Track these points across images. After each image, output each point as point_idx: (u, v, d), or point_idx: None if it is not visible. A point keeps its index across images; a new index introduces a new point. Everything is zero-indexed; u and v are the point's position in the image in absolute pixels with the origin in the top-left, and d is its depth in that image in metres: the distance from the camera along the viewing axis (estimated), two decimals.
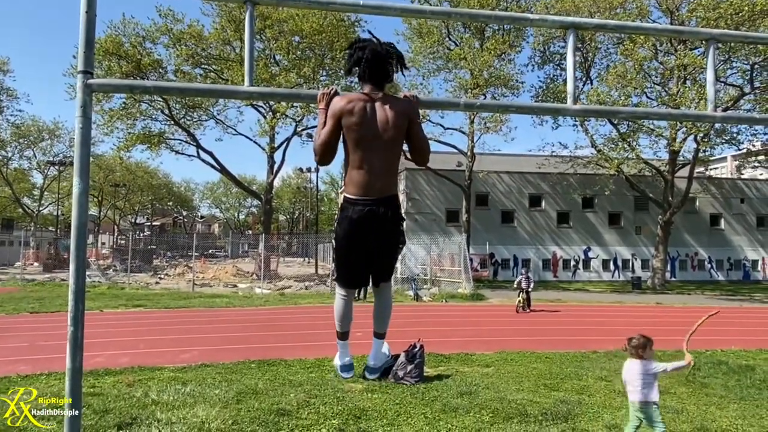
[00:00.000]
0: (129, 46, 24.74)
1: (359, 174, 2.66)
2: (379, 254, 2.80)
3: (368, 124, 2.63)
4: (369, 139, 2.64)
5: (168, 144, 28.23)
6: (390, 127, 2.65)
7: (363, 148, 2.64)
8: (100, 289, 20.31)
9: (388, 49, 2.78)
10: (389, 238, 2.76)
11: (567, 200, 31.73)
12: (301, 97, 2.77)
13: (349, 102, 2.65)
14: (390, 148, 2.67)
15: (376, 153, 2.65)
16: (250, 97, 2.77)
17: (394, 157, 2.71)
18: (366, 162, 2.65)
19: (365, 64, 2.71)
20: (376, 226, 2.68)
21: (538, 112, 3.11)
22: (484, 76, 23.29)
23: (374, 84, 2.73)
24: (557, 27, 3.08)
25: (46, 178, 47.64)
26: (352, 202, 2.68)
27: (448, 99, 2.98)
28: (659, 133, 24.01)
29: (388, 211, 2.70)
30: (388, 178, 2.70)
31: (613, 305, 17.40)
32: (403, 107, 2.70)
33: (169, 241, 51.80)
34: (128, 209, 67.68)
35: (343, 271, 2.87)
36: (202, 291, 19.97)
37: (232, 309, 13.90)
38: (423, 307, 15.40)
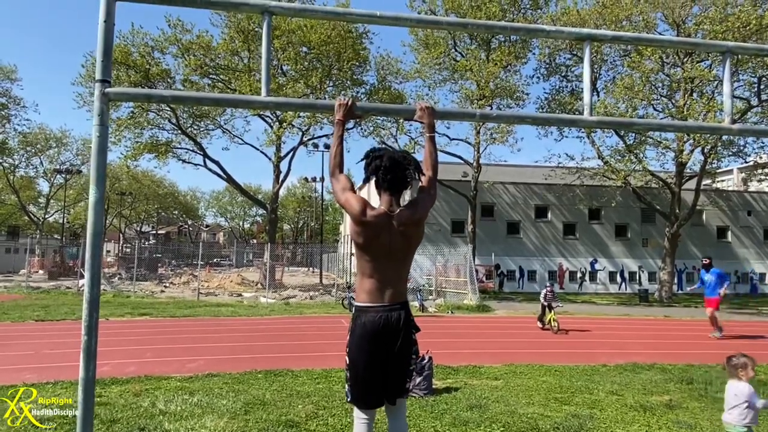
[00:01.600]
0: (138, 55, 24.97)
1: (371, 283, 2.71)
2: (395, 365, 2.72)
3: (384, 242, 2.69)
4: (384, 256, 2.71)
5: (175, 153, 28.39)
6: (405, 243, 2.73)
7: (376, 261, 2.71)
8: (105, 297, 20.31)
9: (405, 156, 2.84)
10: (403, 345, 2.72)
11: (573, 212, 31.63)
12: (317, 108, 2.77)
13: (373, 216, 2.70)
14: (403, 260, 2.76)
15: (390, 266, 2.73)
16: (266, 107, 2.78)
17: (407, 268, 2.82)
18: (378, 272, 2.71)
19: (383, 172, 2.77)
20: (390, 332, 2.68)
21: (554, 124, 3.10)
22: (490, 87, 23.35)
23: (392, 193, 2.79)
24: (573, 39, 3.07)
25: (53, 186, 47.90)
26: (364, 309, 2.72)
27: (463, 110, 2.98)
28: (666, 145, 23.96)
29: (401, 316, 2.72)
30: (400, 286, 2.77)
31: (621, 318, 17.26)
32: (419, 215, 2.78)
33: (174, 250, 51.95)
34: (134, 217, 67.95)
35: (360, 389, 2.74)
36: (207, 300, 19.95)
37: (238, 318, 13.86)
38: (429, 318, 15.30)
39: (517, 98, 25.64)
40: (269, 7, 2.75)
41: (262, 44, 2.78)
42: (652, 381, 7.24)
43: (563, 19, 23.02)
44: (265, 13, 2.76)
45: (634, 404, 5.96)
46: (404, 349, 2.72)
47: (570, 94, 25.85)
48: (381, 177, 2.78)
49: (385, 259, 2.70)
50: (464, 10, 24.53)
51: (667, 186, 25.57)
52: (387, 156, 2.79)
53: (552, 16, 24.31)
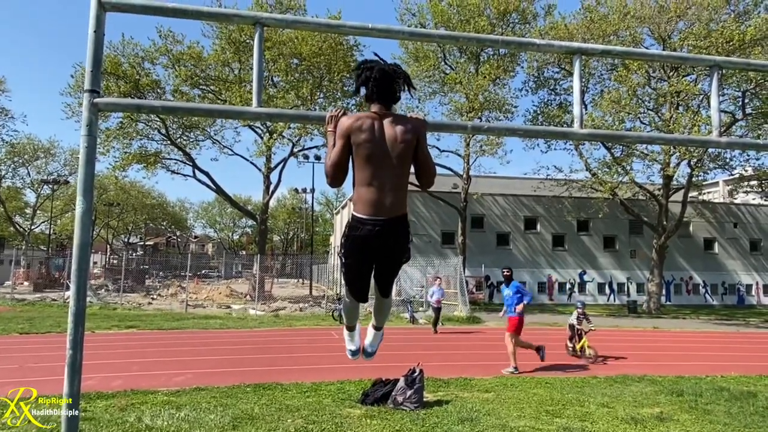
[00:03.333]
0: (128, 66, 24.89)
1: (368, 191, 2.64)
2: (387, 271, 2.87)
3: (377, 140, 2.64)
4: (378, 156, 2.63)
5: (164, 164, 28.21)
6: (399, 144, 2.66)
7: (372, 165, 2.63)
8: (91, 309, 20.00)
9: (396, 69, 2.80)
10: (398, 257, 2.80)
11: (562, 223, 31.84)
12: (310, 119, 2.75)
13: (357, 120, 2.67)
14: (399, 164, 2.66)
15: (386, 170, 2.65)
16: (258, 118, 2.76)
17: (404, 174, 2.71)
18: (375, 179, 2.64)
19: (373, 83, 2.72)
20: (386, 246, 2.69)
21: (545, 136, 3.12)
22: (479, 100, 23.53)
23: (382, 103, 2.74)
24: (563, 52, 3.10)
25: (40, 197, 47.38)
26: (362, 221, 2.66)
27: (456, 122, 2.98)
28: (653, 157, 24.25)
29: (398, 231, 2.70)
30: (398, 195, 2.68)
31: (611, 329, 17.31)
32: (412, 124, 2.72)
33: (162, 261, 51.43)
34: (121, 228, 67.28)
35: (354, 288, 2.95)
36: (196, 312, 19.73)
37: (226, 331, 13.71)
38: (419, 330, 15.25)
39: (506, 111, 25.85)
40: (261, 18, 2.75)
41: (254, 55, 2.77)
42: (642, 393, 7.25)
43: (551, 34, 23.33)
44: (257, 24, 2.75)
45: (625, 417, 5.95)
46: (398, 257, 2.79)
47: (558, 107, 26.12)
48: (370, 88, 2.72)
49: (380, 163, 2.63)
50: (453, 24, 24.78)
51: (654, 198, 25.85)
52: (378, 68, 2.73)
53: (540, 30, 24.63)
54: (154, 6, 2.66)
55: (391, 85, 2.73)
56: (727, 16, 21.72)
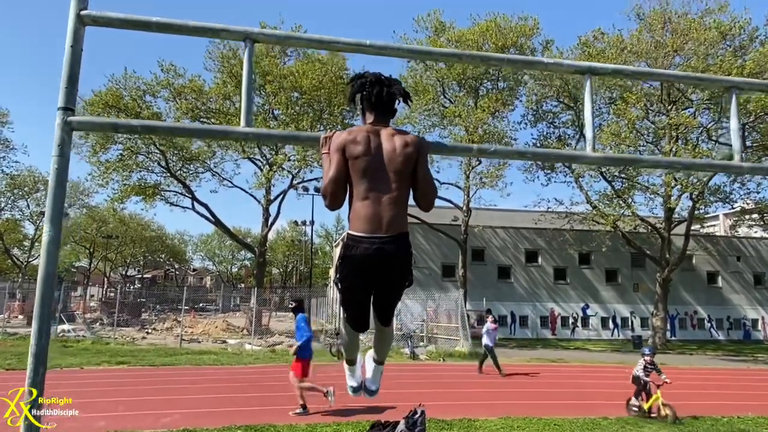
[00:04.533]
0: (129, 99, 25.03)
1: (365, 206, 2.42)
2: (387, 296, 2.62)
3: (374, 152, 2.46)
4: (375, 169, 2.44)
5: (163, 196, 28.09)
6: (397, 157, 2.46)
7: (369, 179, 2.43)
8: (84, 344, 19.52)
9: (391, 78, 2.66)
10: (399, 280, 2.54)
11: (563, 256, 31.52)
12: (301, 140, 2.55)
13: (351, 133, 2.50)
14: (398, 179, 2.46)
15: (384, 184, 2.45)
16: (245, 138, 2.56)
17: (403, 189, 2.49)
18: (372, 193, 2.43)
19: (369, 88, 2.57)
20: (386, 267, 2.45)
21: (556, 159, 2.90)
22: (478, 133, 23.58)
23: (378, 112, 2.59)
24: (573, 72, 2.92)
25: (38, 229, 47.11)
26: (358, 239, 2.43)
27: (461, 144, 2.75)
28: (654, 190, 24.16)
29: (399, 251, 2.46)
30: (397, 211, 2.45)
31: (617, 366, 16.81)
32: (411, 138, 2.55)
33: (159, 295, 50.79)
34: (120, 261, 66.80)
35: (352, 315, 2.71)
36: (190, 347, 19.22)
37: (220, 367, 13.26)
38: (420, 367, 14.78)
39: (505, 143, 25.88)
40: (251, 34, 2.58)
41: (243, 73, 2.58)
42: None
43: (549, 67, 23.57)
44: (247, 40, 2.58)
45: None
46: (400, 281, 2.55)
47: (558, 139, 26.18)
48: (366, 94, 2.57)
49: (377, 176, 2.44)
50: None
51: (656, 231, 25.61)
52: (371, 75, 2.62)
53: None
54: (135, 20, 2.48)
55: (387, 92, 2.57)
56: (724, 51, 21.96)
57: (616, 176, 25.42)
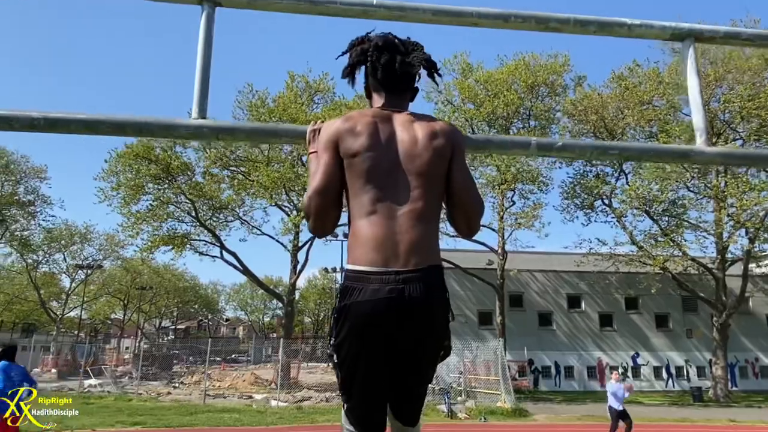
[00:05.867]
0: (160, 150, 25.29)
1: (372, 225, 1.54)
2: (413, 377, 1.60)
3: (384, 145, 1.60)
4: (386, 169, 1.58)
5: (192, 245, 27.91)
6: (421, 150, 1.60)
7: (377, 184, 1.57)
8: (106, 400, 18.82)
9: (408, 41, 1.79)
10: (432, 348, 1.57)
11: (609, 301, 29.65)
12: (278, 135, 1.75)
13: (347, 120, 1.64)
14: (423, 183, 1.59)
15: (401, 190, 1.56)
16: (197, 134, 1.75)
17: (432, 198, 1.61)
18: (383, 203, 1.55)
19: (374, 56, 1.72)
20: (410, 326, 1.49)
21: (656, 159, 1.99)
22: (511, 172, 22.66)
23: (389, 92, 1.74)
24: (668, 37, 2.06)
25: (74, 282, 47.75)
26: (362, 277, 1.51)
27: (511, 138, 1.83)
28: (705, 228, 22.53)
29: (430, 296, 1.51)
30: (423, 231, 1.55)
31: (680, 424, 15.00)
32: (441, 126, 1.69)
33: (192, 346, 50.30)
34: (153, 312, 67.02)
35: (357, 408, 1.63)
36: (214, 404, 18.25)
37: (239, 429, 12.24)
38: (459, 427, 13.41)
39: (540, 182, 24.86)
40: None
41: (198, 45, 1.82)
42: None
43: (584, 103, 22.75)
44: (204, 3, 1.83)
45: None
46: (431, 347, 1.59)
47: (596, 177, 24.96)
48: (370, 65, 1.74)
49: (389, 181, 1.58)
50: (481, 99, 24.58)
51: (709, 272, 23.75)
52: (378, 37, 1.76)
53: (573, 101, 24.11)
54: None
55: (401, 62, 1.72)
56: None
57: (661, 214, 23.93)
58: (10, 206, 35.31)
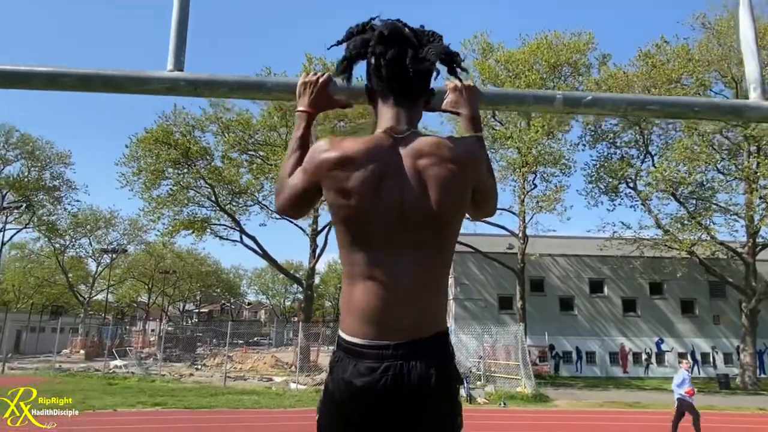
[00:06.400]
0: (179, 135, 25.38)
1: (367, 294, 1.30)
2: None
3: (383, 191, 1.31)
4: (386, 223, 1.31)
5: (212, 229, 28.10)
6: (433, 197, 1.31)
7: (374, 242, 1.32)
8: (129, 381, 19.16)
9: (423, 32, 1.43)
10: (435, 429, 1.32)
11: (633, 286, 29.02)
12: (266, 89, 1.52)
13: (337, 147, 1.35)
14: (432, 238, 1.33)
15: (404, 251, 1.30)
16: (173, 87, 1.55)
17: (442, 255, 1.36)
18: (380, 267, 1.30)
19: (378, 47, 1.38)
20: (408, 407, 1.27)
21: (703, 116, 1.72)
22: (532, 154, 22.15)
23: (400, 95, 1.41)
24: None
25: (99, 266, 48.77)
26: (355, 350, 1.30)
27: (534, 92, 1.57)
28: (735, 212, 21.75)
29: (435, 377, 1.27)
30: (428, 299, 1.33)
31: (705, 411, 14.56)
32: (461, 149, 1.38)
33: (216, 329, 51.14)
34: (177, 296, 68.18)
35: None
36: (234, 385, 18.43)
37: (258, 411, 12.28)
38: (478, 412, 13.23)
39: (563, 165, 24.28)
40: None
41: None
42: None
43: (608, 83, 22.02)
44: None
45: None
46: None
47: (621, 159, 24.28)
48: (375, 59, 1.39)
49: (391, 233, 1.31)
50: (502, 79, 24.01)
51: (738, 256, 23.00)
52: (384, 25, 1.39)
53: (596, 80, 23.39)
54: None
55: (413, 57, 1.37)
56: None
57: (688, 197, 23.21)
58: (36, 191, 36.03)
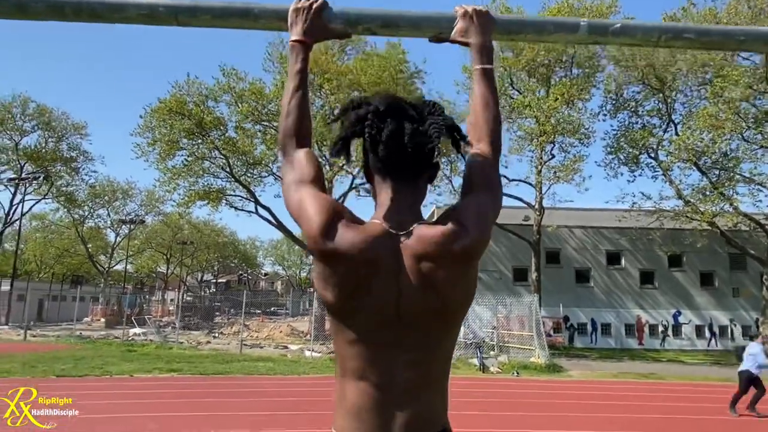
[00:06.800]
0: (192, 105, 25.26)
1: (361, 395, 1.19)
2: None
3: (381, 297, 1.18)
4: (382, 323, 1.19)
5: (228, 200, 28.20)
6: (430, 305, 1.19)
7: (368, 340, 1.21)
8: (148, 348, 19.54)
9: (422, 103, 1.31)
10: None
11: (651, 258, 28.62)
12: (253, 17, 1.36)
13: (347, 231, 1.20)
14: (433, 335, 1.22)
15: (402, 350, 1.20)
16: (151, 15, 1.39)
17: (443, 352, 1.26)
18: (376, 367, 1.20)
19: (374, 123, 1.23)
20: None
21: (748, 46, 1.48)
22: (551, 123, 21.60)
23: (398, 174, 1.27)
24: None
25: (118, 236, 49.50)
26: None
27: (554, 19, 1.35)
28: (760, 181, 21.08)
29: None
30: (427, 400, 1.21)
31: (724, 384, 14.40)
32: (467, 239, 1.22)
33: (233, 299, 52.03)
34: (195, 266, 69.21)
35: None
36: (250, 353, 18.70)
37: (272, 377, 12.41)
38: (490, 381, 13.26)
39: (582, 135, 23.70)
40: None
41: None
42: None
43: (632, 49, 21.20)
44: None
45: None
46: None
47: (642, 128, 23.58)
48: (370, 136, 1.23)
49: (386, 338, 1.20)
50: (520, 46, 23.28)
51: (761, 228, 22.41)
52: (380, 98, 1.28)
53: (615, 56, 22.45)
54: None
55: (412, 132, 1.22)
56: None
57: (711, 167, 22.55)
58: (54, 162, 36.38)
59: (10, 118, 33.87)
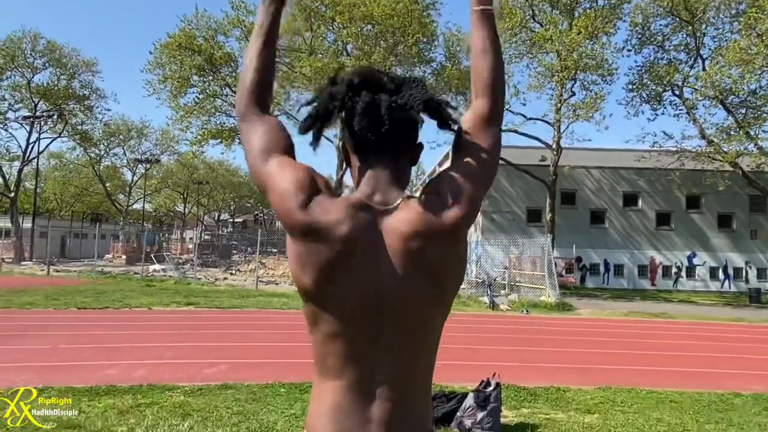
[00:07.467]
0: (202, 40, 24.69)
1: (336, 396, 1.08)
2: None
3: (360, 279, 1.06)
4: (362, 310, 1.07)
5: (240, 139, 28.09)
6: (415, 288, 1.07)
7: (348, 334, 1.08)
8: (167, 283, 20.11)
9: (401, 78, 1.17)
10: None
11: (668, 199, 28.21)
12: None
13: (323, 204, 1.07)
14: (419, 323, 1.10)
15: (382, 346, 1.08)
16: None
17: (426, 348, 1.13)
18: (354, 366, 1.08)
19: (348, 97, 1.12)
20: None
21: None
22: (573, 57, 20.74)
23: (374, 151, 1.14)
24: None
25: (135, 175, 49.98)
26: None
27: None
28: None
29: None
30: (409, 403, 1.09)
31: (734, 324, 14.49)
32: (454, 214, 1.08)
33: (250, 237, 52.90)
34: (212, 206, 70.06)
35: None
36: (265, 289, 19.16)
37: (286, 312, 12.72)
38: (499, 318, 13.45)
39: (605, 71, 22.78)
40: None
41: None
42: None
43: None
44: None
45: None
46: None
47: (668, 63, 22.58)
48: (345, 110, 1.13)
49: (367, 329, 1.08)
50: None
51: None
52: (354, 72, 1.16)
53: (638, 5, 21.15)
54: None
55: (389, 106, 1.09)
56: None
57: (738, 105, 21.70)
58: (67, 100, 36.26)
59: (20, 54, 33.50)
